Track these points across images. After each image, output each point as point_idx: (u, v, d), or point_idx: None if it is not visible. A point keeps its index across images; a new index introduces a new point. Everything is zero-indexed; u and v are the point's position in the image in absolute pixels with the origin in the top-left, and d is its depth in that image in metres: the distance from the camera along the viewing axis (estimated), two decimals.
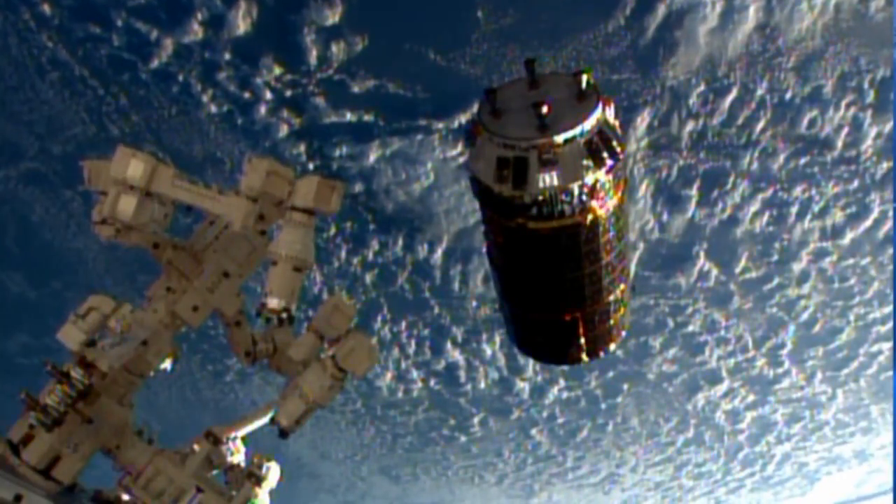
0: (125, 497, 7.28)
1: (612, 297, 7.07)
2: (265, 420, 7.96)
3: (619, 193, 6.12)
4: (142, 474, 7.08)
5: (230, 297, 7.69)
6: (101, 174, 7.16)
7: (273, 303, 6.82)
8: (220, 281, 7.59)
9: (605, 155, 5.79)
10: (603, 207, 5.99)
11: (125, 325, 7.01)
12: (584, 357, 7.81)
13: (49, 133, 21.42)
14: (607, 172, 5.84)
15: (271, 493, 8.06)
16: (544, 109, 5.65)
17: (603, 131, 5.80)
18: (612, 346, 7.94)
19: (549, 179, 5.71)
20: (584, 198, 5.84)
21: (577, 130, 5.70)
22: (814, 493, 43.73)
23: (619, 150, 5.88)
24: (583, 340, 7.47)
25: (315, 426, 31.28)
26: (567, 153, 5.70)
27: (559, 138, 5.67)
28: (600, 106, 5.82)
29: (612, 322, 7.40)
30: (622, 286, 7.14)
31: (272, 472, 8.10)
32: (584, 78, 5.88)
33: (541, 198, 5.78)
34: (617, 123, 6.03)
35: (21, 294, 24.70)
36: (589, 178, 5.76)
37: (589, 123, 5.74)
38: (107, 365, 6.74)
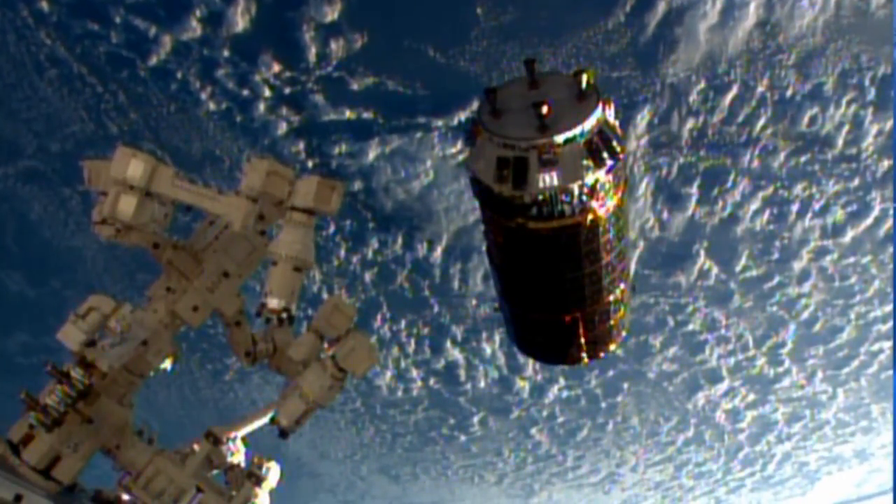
0: (125, 497, 7.28)
1: (612, 298, 7.07)
2: (265, 420, 7.97)
3: (619, 194, 6.12)
4: (142, 474, 7.09)
5: (230, 297, 7.71)
6: (101, 174, 7.18)
7: (273, 303, 6.84)
8: (220, 281, 7.61)
9: (605, 155, 5.78)
10: (603, 208, 5.99)
11: (125, 325, 7.00)
12: (585, 357, 7.81)
13: (47, 131, 21.40)
14: (607, 173, 5.84)
15: (271, 493, 8.07)
16: (544, 109, 5.64)
17: (603, 131, 5.80)
18: (613, 347, 7.94)
19: (549, 179, 5.71)
20: (583, 198, 5.84)
21: (577, 130, 5.69)
22: (814, 493, 43.67)
23: (619, 150, 5.88)
24: (583, 341, 7.47)
25: (315, 426, 31.28)
26: (567, 153, 5.69)
27: (559, 138, 5.67)
28: (600, 106, 5.81)
29: (612, 322, 7.39)
30: (622, 286, 7.14)
31: (272, 472, 8.11)
32: (585, 78, 5.87)
33: (541, 198, 5.77)
34: (617, 124, 6.02)
35: (20, 293, 24.69)
36: (589, 179, 5.76)
37: (589, 124, 5.73)
38: (107, 365, 6.74)
